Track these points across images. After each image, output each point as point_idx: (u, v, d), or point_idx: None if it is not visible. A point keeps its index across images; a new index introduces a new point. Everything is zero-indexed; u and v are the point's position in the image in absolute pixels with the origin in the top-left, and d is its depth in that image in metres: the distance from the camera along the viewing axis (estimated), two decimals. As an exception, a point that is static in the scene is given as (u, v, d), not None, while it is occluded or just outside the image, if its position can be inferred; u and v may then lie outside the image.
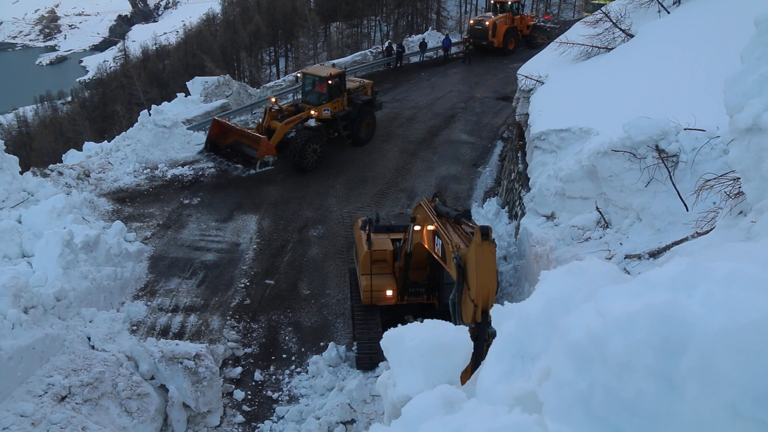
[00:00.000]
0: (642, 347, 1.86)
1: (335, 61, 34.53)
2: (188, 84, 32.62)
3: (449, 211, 11.51)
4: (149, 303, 15.87)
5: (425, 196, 14.76)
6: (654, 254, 9.57)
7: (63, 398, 10.29)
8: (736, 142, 5.31)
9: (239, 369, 13.96)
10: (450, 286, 11.06)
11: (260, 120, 23.18)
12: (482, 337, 8.49)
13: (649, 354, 1.86)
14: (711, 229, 7.60)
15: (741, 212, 6.03)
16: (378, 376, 4.87)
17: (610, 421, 2.02)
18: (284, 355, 14.46)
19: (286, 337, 15.02)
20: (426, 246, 11.51)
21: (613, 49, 18.53)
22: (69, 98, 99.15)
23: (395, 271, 13.86)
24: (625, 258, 10.33)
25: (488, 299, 8.94)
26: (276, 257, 17.90)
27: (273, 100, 23.45)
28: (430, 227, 11.15)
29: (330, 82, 23.00)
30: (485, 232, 9.24)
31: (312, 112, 22.63)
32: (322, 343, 14.65)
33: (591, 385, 1.97)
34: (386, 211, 17.34)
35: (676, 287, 1.94)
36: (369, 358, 13.40)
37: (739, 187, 5.91)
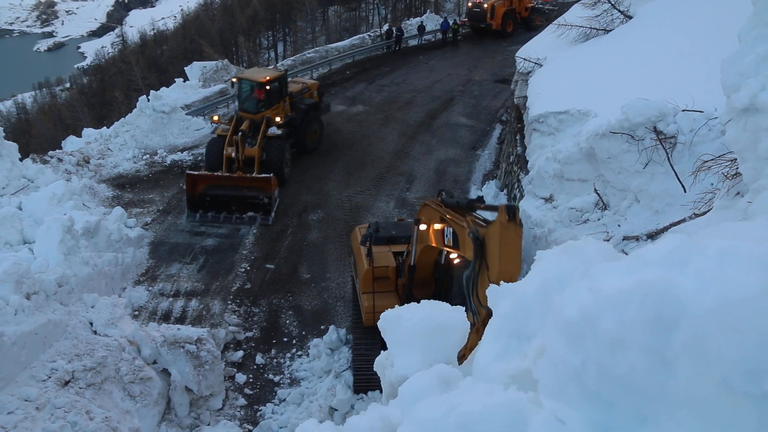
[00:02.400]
0: (634, 324, 1.88)
1: (295, 59, 32.88)
2: (186, 69, 32.48)
3: (459, 200, 10.36)
4: (150, 288, 15.95)
5: (430, 196, 14.21)
6: (652, 236, 9.59)
7: (66, 383, 10.38)
8: (733, 122, 5.31)
9: (241, 353, 14.06)
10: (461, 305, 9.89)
11: (228, 151, 19.47)
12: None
13: (641, 330, 1.88)
14: (708, 210, 7.62)
15: (738, 193, 6.05)
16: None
17: (603, 397, 2.05)
18: (285, 339, 14.55)
19: (287, 321, 15.10)
20: (434, 244, 10.52)
21: (611, 30, 18.43)
22: (67, 85, 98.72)
23: (398, 288, 12.68)
24: (623, 239, 10.35)
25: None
26: (276, 242, 17.94)
27: (215, 118, 21.13)
28: (437, 226, 10.15)
29: (268, 87, 20.54)
30: (511, 211, 8.03)
31: (276, 118, 20.33)
32: (322, 326, 14.74)
33: (584, 362, 2.00)
34: (386, 219, 17.05)
35: (669, 264, 1.96)
36: (367, 380, 12.34)
37: (737, 168, 5.92)
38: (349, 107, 27.84)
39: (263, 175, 18.64)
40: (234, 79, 21.61)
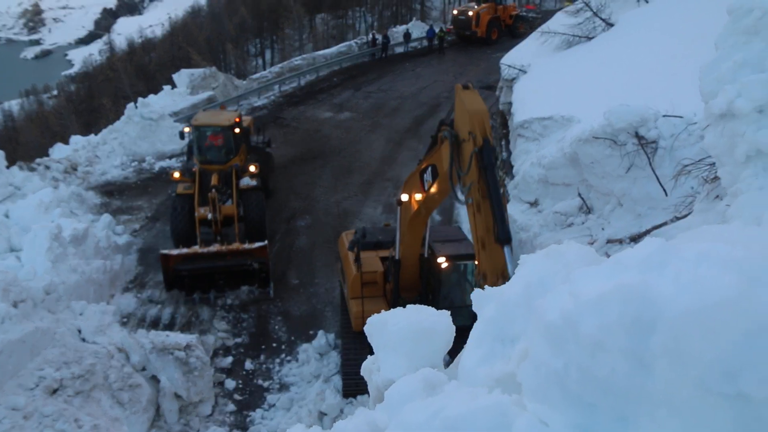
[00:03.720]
0: (614, 327, 1.93)
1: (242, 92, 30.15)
2: (174, 76, 32.39)
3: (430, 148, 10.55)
4: (139, 295, 15.89)
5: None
6: (635, 238, 9.71)
7: (55, 391, 10.30)
8: (711, 127, 5.41)
9: (230, 359, 14.03)
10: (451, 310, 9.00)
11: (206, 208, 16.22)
12: (489, 161, 7.77)
13: (620, 333, 1.93)
14: (689, 213, 7.73)
15: (717, 196, 6.14)
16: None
17: (585, 400, 2.10)
18: (274, 344, 14.54)
19: (276, 327, 15.09)
20: (416, 206, 10.61)
21: (594, 38, 18.67)
22: (55, 92, 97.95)
23: (386, 293, 12.78)
24: (607, 242, 10.47)
25: (484, 125, 8.11)
26: (264, 248, 17.92)
27: (176, 176, 17.37)
28: (418, 195, 10.45)
29: (237, 130, 17.80)
30: (465, 84, 8.97)
31: (251, 167, 17.45)
32: (311, 332, 14.74)
33: (566, 365, 2.04)
34: (373, 225, 17.06)
35: (647, 268, 2.01)
36: (356, 384, 12.19)
37: (716, 172, 6.02)
38: (336, 114, 27.91)
39: (257, 244, 15.53)
40: (187, 129, 17.94)
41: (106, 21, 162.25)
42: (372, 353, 3.66)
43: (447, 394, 2.52)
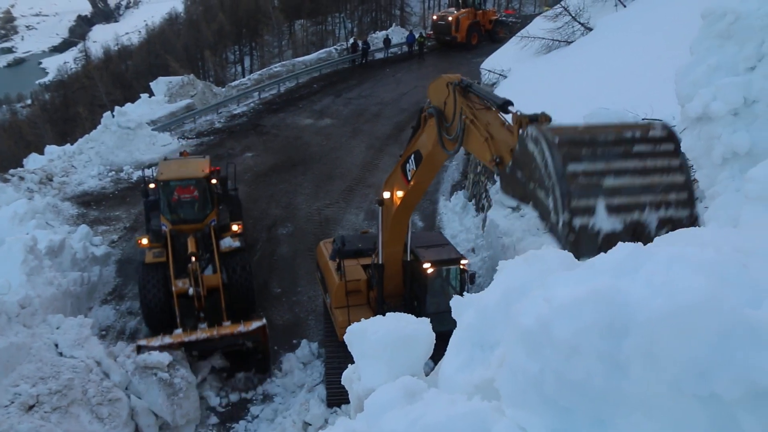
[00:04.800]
0: (588, 331, 1.95)
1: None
2: (152, 84, 32.17)
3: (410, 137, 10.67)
4: (118, 307, 15.68)
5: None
6: (616, 242, 9.78)
7: (31, 407, 10.12)
8: (688, 130, 5.48)
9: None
10: (434, 316, 8.38)
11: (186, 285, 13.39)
12: (468, 83, 8.02)
13: (595, 337, 1.94)
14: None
15: (697, 198, 6.21)
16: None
17: (561, 404, 2.11)
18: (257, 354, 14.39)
19: (258, 337, 14.95)
20: (398, 201, 10.59)
21: (572, 42, 18.85)
22: (29, 101, 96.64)
23: (370, 301, 12.59)
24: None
25: (457, 77, 8.41)
26: (246, 257, 17.79)
27: (144, 241, 14.61)
28: (400, 193, 10.52)
29: (213, 181, 15.28)
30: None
31: (234, 227, 15.01)
32: (294, 341, 14.62)
33: (542, 370, 2.05)
34: (352, 232, 17.00)
35: (620, 272, 2.03)
36: (341, 393, 11.29)
37: (694, 175, 6.09)
38: (316, 121, 27.87)
39: (255, 325, 12.82)
40: (152, 185, 15.63)
41: (80, 28, 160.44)
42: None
43: (426, 401, 2.52)
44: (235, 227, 15.02)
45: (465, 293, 6.29)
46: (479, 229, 17.24)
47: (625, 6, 19.00)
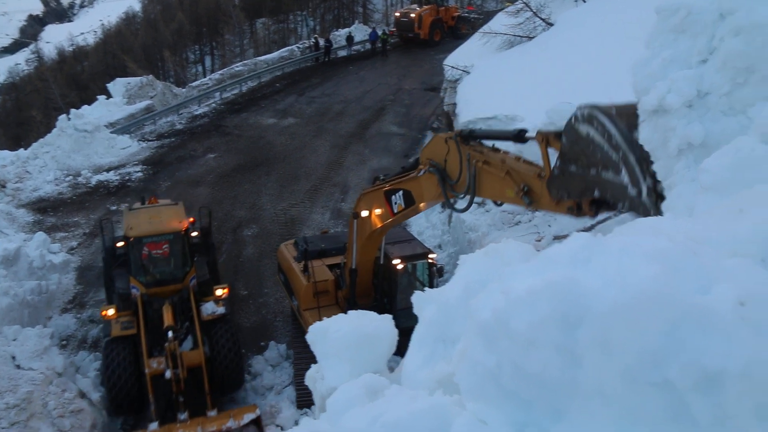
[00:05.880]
0: (544, 323, 1.96)
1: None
2: (109, 86, 31.50)
3: (403, 165, 10.21)
4: (79, 315, 15.32)
5: (365, 187, 14.13)
6: (579, 234, 9.92)
7: (-12, 422, 9.82)
8: (645, 123, 5.59)
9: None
10: (404, 311, 7.80)
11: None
12: (468, 129, 7.75)
13: (550, 329, 1.95)
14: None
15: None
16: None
17: (520, 396, 2.12)
18: (224, 358, 14.22)
19: (225, 340, 14.76)
20: (380, 224, 10.40)
21: (534, 37, 19.06)
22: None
23: (338, 301, 12.44)
24: (553, 239, 10.69)
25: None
26: (210, 259, 17.57)
27: (110, 313, 12.26)
28: (378, 210, 10.19)
29: (194, 234, 13.77)
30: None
31: (218, 292, 12.71)
32: (262, 343, 14.50)
33: (499, 363, 2.06)
34: (313, 233, 16.92)
35: (574, 263, 2.05)
36: (311, 394, 11.47)
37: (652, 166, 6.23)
38: (280, 120, 27.67)
39: (246, 418, 10.64)
40: (120, 243, 13.37)
41: (32, 28, 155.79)
42: None
43: (387, 398, 2.51)
44: (219, 291, 12.75)
45: (434, 287, 6.22)
46: (445, 225, 17.34)
47: (585, 1, 19.29)
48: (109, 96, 30.22)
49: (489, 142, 7.49)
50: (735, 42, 4.60)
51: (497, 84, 16.87)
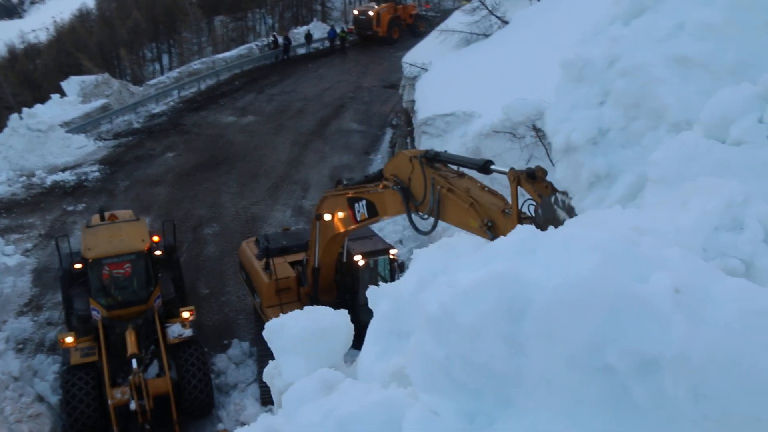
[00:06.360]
0: (489, 314, 2.02)
1: None
2: (63, 84, 30.77)
3: (367, 175, 10.35)
4: (36, 318, 14.94)
5: (327, 189, 14.06)
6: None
7: (-60, 430, 9.54)
8: (559, 162, 5.91)
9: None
10: (366, 307, 7.94)
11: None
12: (434, 152, 7.69)
13: (495, 320, 2.02)
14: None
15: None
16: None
17: (469, 386, 2.18)
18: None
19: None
20: (342, 230, 10.49)
21: (490, 35, 19.29)
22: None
23: (301, 298, 12.28)
24: (511, 233, 10.84)
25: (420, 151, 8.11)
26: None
27: (69, 340, 11.32)
28: (341, 213, 10.19)
29: (158, 253, 12.58)
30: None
31: (185, 314, 11.96)
32: (225, 341, 14.39)
33: (448, 354, 2.11)
34: (274, 230, 16.82)
35: (518, 254, 2.11)
36: None
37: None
38: (239, 118, 27.39)
39: None
40: (78, 265, 12.19)
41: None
42: None
43: (341, 392, 2.55)
44: (186, 314, 11.96)
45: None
46: (405, 220, 17.39)
47: (539, 0, 19.61)
48: (63, 95, 29.50)
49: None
50: (622, 82, 5.20)
51: (455, 81, 17.03)
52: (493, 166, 6.51)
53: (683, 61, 4.92)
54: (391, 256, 12.05)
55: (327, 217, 10.63)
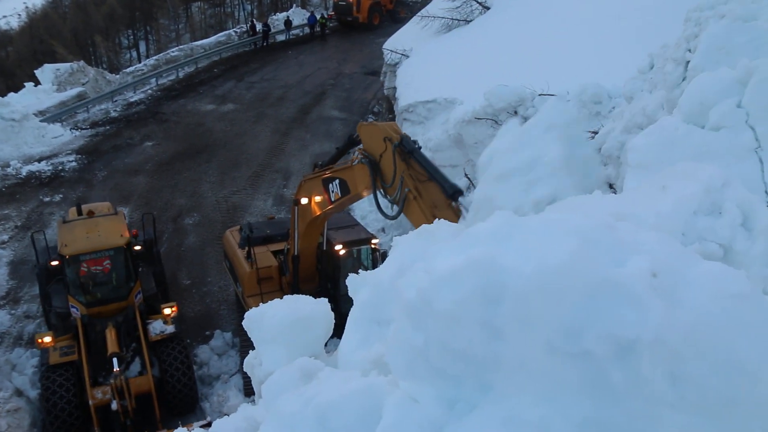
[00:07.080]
0: (466, 300, 2.00)
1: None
2: (37, 72, 30.22)
3: (336, 148, 10.69)
4: (13, 311, 14.76)
5: (305, 174, 14.06)
6: (519, 214, 10.21)
7: None
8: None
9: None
10: (348, 296, 7.94)
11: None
12: (411, 146, 7.77)
13: (473, 305, 2.00)
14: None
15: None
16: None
17: (448, 372, 2.17)
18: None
19: (169, 331, 14.50)
20: (319, 212, 10.52)
21: (472, 21, 19.24)
22: None
23: (282, 287, 12.43)
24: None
25: (394, 128, 8.39)
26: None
27: (47, 340, 11.10)
28: (318, 198, 10.26)
29: (138, 248, 12.48)
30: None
31: (167, 311, 11.81)
32: (207, 332, 14.33)
33: (427, 341, 2.10)
34: (256, 219, 16.74)
35: (495, 240, 2.10)
36: None
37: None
38: (219, 106, 27.13)
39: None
40: (54, 262, 12.08)
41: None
42: None
43: (321, 380, 2.54)
44: (167, 310, 11.77)
45: None
46: (388, 208, 17.39)
47: (519, -15, 19.55)
48: (37, 83, 28.99)
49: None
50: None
51: (436, 67, 16.98)
52: (460, 198, 6.64)
53: None
54: (373, 246, 12.05)
55: (304, 201, 10.73)
